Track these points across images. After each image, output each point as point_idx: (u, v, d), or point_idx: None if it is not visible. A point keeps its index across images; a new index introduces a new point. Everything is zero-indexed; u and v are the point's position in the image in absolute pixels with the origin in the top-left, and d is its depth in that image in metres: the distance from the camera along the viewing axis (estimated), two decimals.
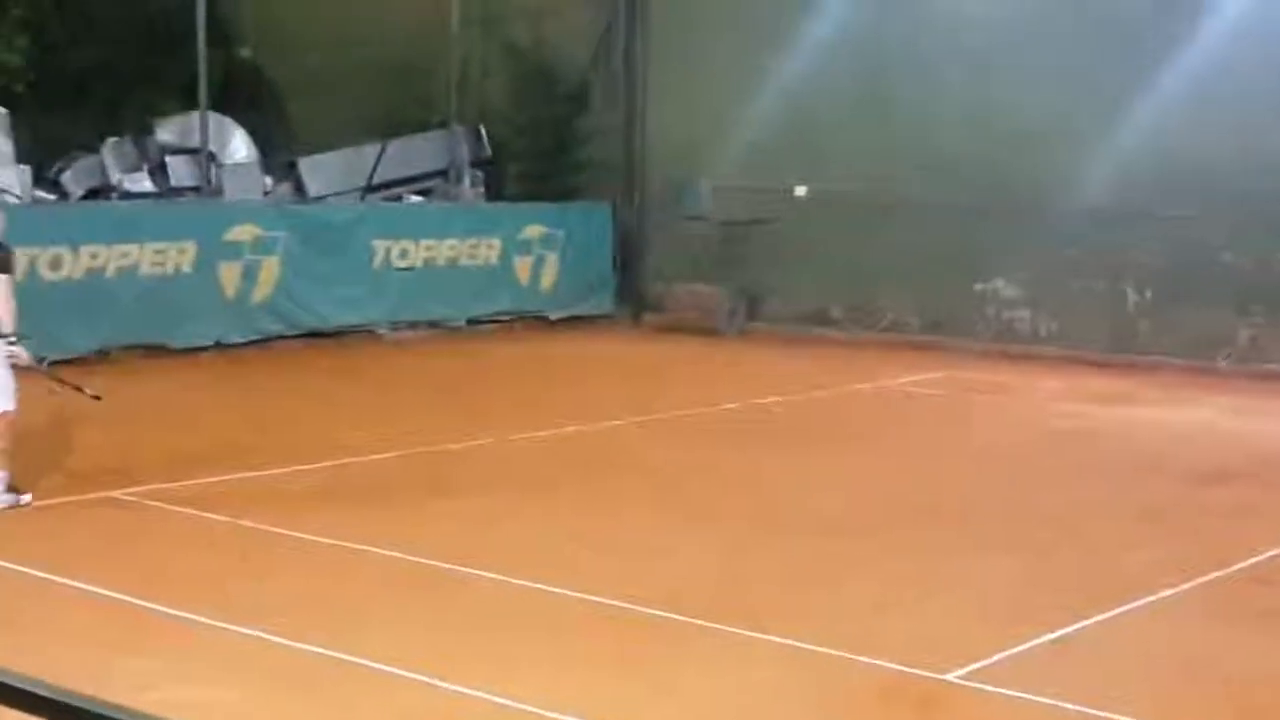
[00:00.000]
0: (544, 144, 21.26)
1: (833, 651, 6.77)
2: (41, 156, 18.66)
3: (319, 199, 19.58)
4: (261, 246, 16.98)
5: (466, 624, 7.20)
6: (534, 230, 19.79)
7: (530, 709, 5.99)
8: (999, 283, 18.17)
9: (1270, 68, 16.20)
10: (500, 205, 20.41)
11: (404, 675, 6.35)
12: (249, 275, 16.85)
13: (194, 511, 9.20)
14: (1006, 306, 18.16)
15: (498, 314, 19.38)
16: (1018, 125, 17.53)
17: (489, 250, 19.37)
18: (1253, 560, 8.63)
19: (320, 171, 19.97)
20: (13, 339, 9.06)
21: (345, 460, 10.88)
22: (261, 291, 16.98)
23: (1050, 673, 6.66)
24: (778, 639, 6.95)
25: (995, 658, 6.74)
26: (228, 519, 9.04)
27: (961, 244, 17.97)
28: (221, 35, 20.34)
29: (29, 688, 2.40)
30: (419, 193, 20.58)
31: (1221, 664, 6.89)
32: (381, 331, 18.10)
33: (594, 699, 6.18)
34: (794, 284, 19.46)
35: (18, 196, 17.04)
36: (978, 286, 18.29)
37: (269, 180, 19.60)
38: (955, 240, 17.98)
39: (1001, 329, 18.14)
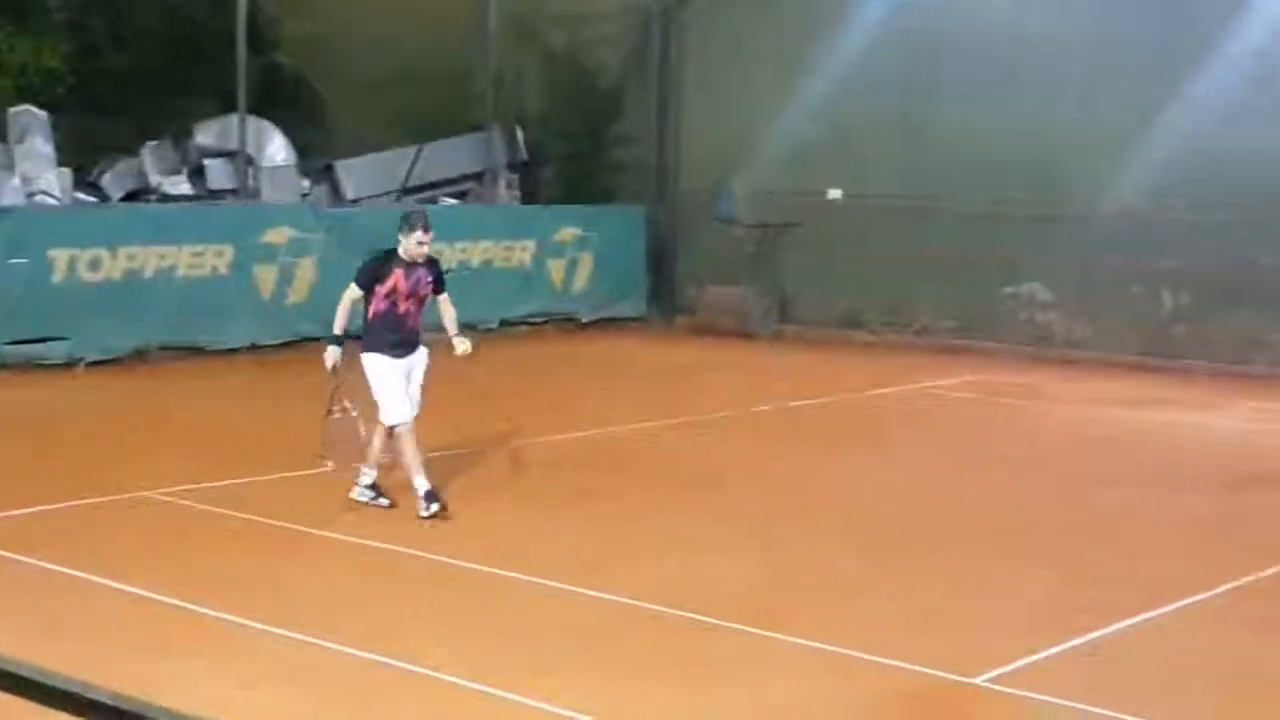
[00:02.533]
0: (579, 147, 21.35)
1: (865, 656, 6.81)
2: (82, 159, 18.85)
3: (355, 202, 19.71)
4: (297, 249, 17.11)
5: (507, 628, 7.27)
6: (567, 233, 19.86)
7: (570, 714, 6.05)
8: (1032, 286, 18.13)
9: None
10: (534, 208, 20.49)
11: (445, 680, 6.41)
12: (285, 277, 16.99)
13: (232, 512, 9.31)
14: (1039, 310, 18.12)
15: (530, 316, 19.45)
16: (1051, 131, 17.50)
17: (523, 252, 19.45)
18: None
19: (357, 174, 20.10)
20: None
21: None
22: (297, 294, 17.10)
23: (1081, 678, 6.68)
24: (810, 643, 6.99)
25: (1026, 661, 6.78)
26: (267, 520, 9.14)
27: (994, 248, 17.93)
28: (261, 39, 20.51)
29: (75, 690, 2.43)
30: (455, 195, 20.68)
31: (1255, 671, 6.90)
32: None
33: (628, 704, 6.24)
34: (826, 287, 19.46)
35: (58, 198, 17.24)
36: (1009, 290, 18.26)
37: (306, 183, 19.74)
38: (987, 244, 17.95)
39: (1034, 333, 18.10)
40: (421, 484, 9.13)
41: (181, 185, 19.27)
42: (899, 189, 18.59)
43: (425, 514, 9.05)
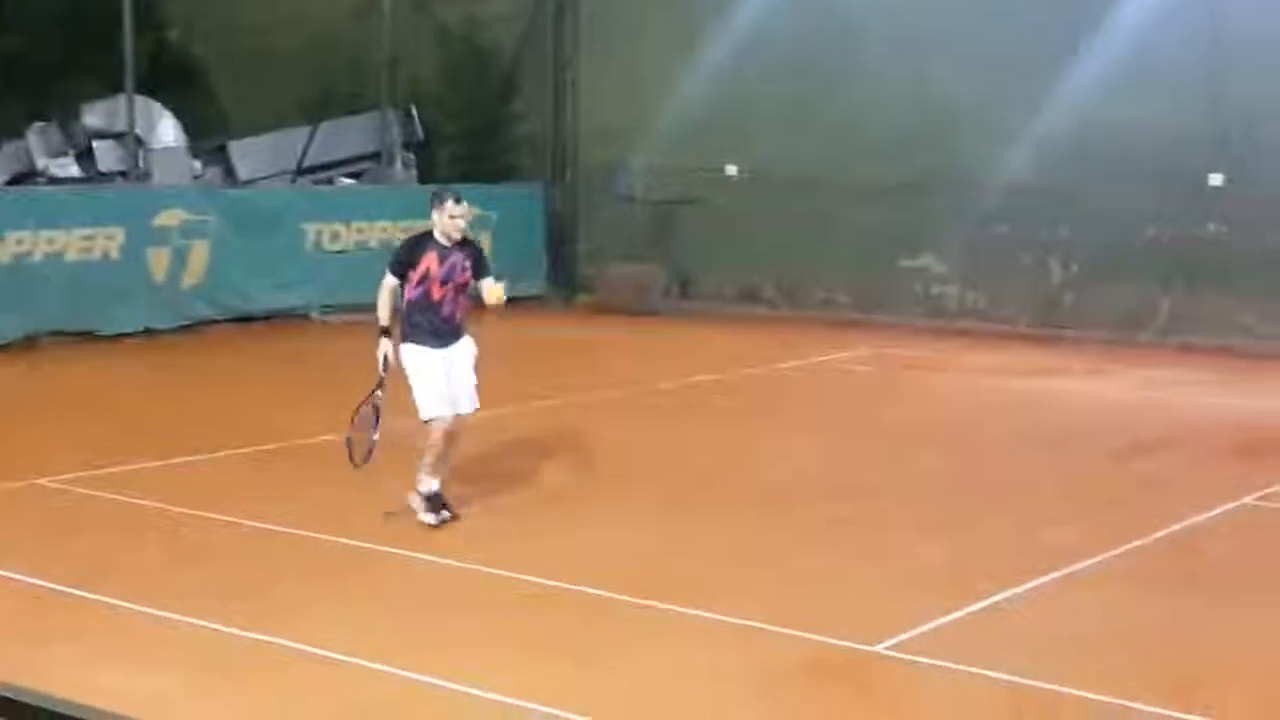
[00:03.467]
0: (476, 125, 21.24)
1: (765, 626, 6.88)
2: None
3: (249, 183, 19.45)
4: (191, 231, 16.87)
5: (405, 607, 7.26)
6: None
7: (469, 690, 6.06)
8: (928, 259, 18.38)
9: (1189, 46, 16.48)
10: (432, 187, 20.29)
11: (342, 660, 6.38)
12: (178, 260, 16.74)
13: (123, 498, 9.18)
14: (935, 282, 18.38)
15: None
16: (946, 106, 17.75)
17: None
18: (1174, 528, 8.84)
19: (250, 155, 19.84)
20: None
21: (279, 444, 10.88)
22: (191, 277, 16.87)
23: (978, 643, 6.80)
24: (710, 615, 7.06)
25: (924, 628, 6.88)
26: (158, 504, 9.02)
27: (890, 222, 18.16)
28: (149, 18, 20.13)
29: None
30: (351, 175, 20.50)
31: (1146, 631, 7.07)
32: (314, 315, 18.03)
33: (528, 679, 6.26)
34: (727, 263, 19.59)
35: None
36: (905, 263, 18.50)
37: (198, 164, 19.45)
38: (884, 218, 18.17)
39: (930, 305, 18.37)
40: (429, 485, 8.50)
41: (70, 168, 18.91)
42: (796, 164, 18.76)
43: (427, 520, 8.43)
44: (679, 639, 6.83)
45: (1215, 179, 16.50)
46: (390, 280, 8.58)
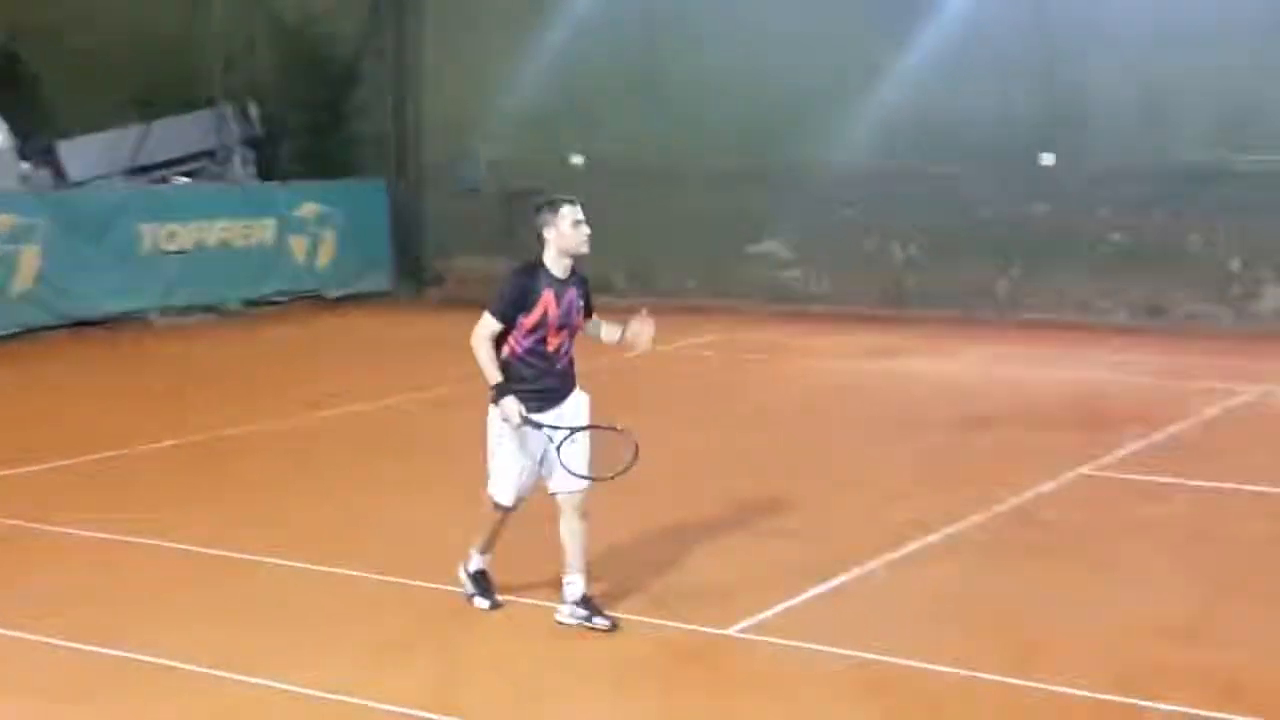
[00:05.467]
0: (317, 121, 20.91)
1: (619, 614, 6.88)
2: None
3: (80, 184, 18.90)
4: (19, 235, 16.35)
5: (248, 612, 7.11)
6: (309, 209, 19.48)
7: (317, 694, 5.96)
8: (773, 245, 18.58)
9: (1020, 32, 16.90)
10: (273, 185, 20.01)
11: (187, 669, 6.23)
12: (7, 266, 16.21)
13: None
14: (780, 267, 18.59)
15: (275, 295, 19.04)
16: (787, 93, 17.96)
17: (263, 230, 19.00)
18: (1017, 500, 9.06)
19: (81, 155, 19.26)
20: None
21: (114, 452, 10.58)
22: (21, 282, 16.35)
23: (828, 621, 6.89)
24: (543, 603, 7.00)
25: (776, 609, 6.95)
26: None
27: (736, 208, 18.32)
28: None
29: None
30: (187, 174, 20.04)
31: (992, 602, 7.23)
32: (153, 318, 17.60)
33: (380, 681, 6.17)
34: None
35: None
36: (751, 249, 18.68)
37: (26, 166, 18.82)
38: (729, 204, 18.32)
39: (777, 289, 18.57)
40: (478, 561, 7.06)
41: None
42: (641, 152, 18.82)
43: (480, 604, 7.02)
44: (531, 631, 6.79)
45: (1046, 159, 16.95)
46: (492, 328, 6.69)
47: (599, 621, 6.67)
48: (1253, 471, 9.79)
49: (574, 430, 6.71)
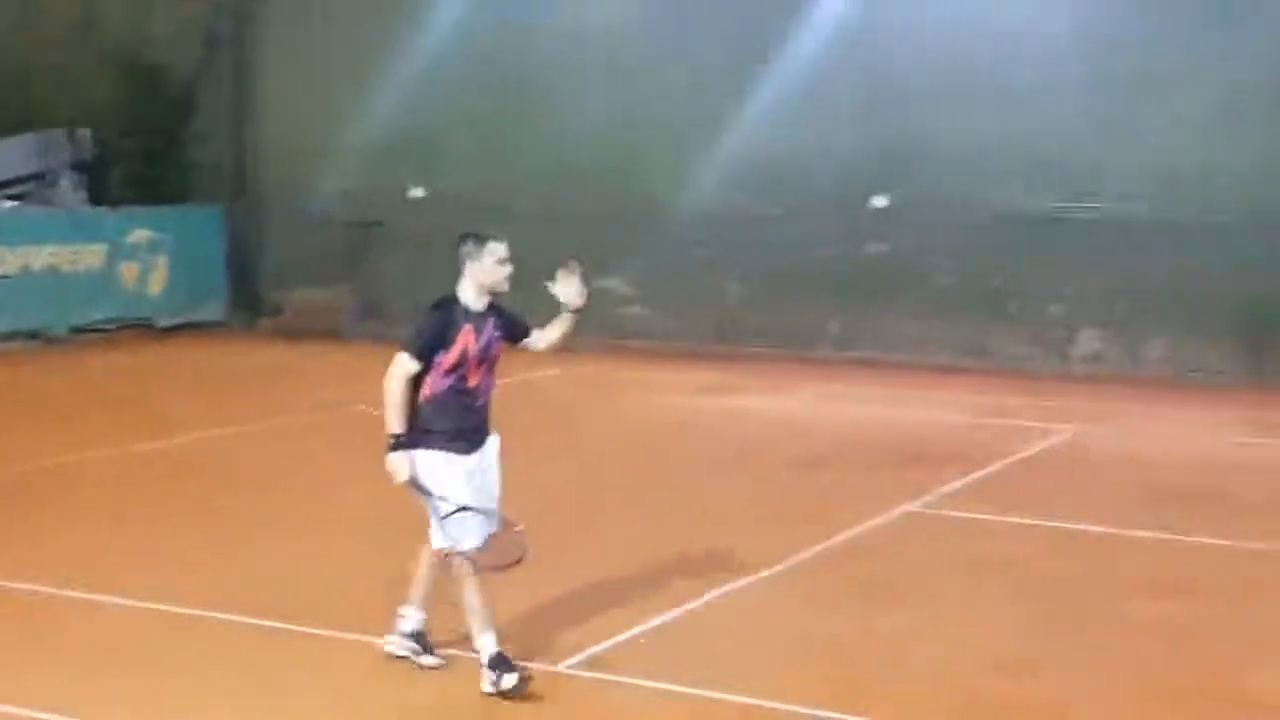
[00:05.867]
0: (152, 146, 20.49)
1: (449, 651, 6.87)
2: None
3: None
4: None
5: (61, 648, 6.94)
6: (140, 235, 19.11)
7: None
8: (614, 281, 18.73)
9: (854, 81, 17.34)
10: (103, 210, 19.57)
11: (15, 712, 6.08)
12: None
13: None
14: (620, 304, 18.74)
15: (103, 322, 18.61)
16: (630, 131, 18.18)
17: (92, 256, 18.58)
18: (847, 535, 9.28)
19: None
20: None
21: None
22: None
23: (659, 657, 6.96)
24: (376, 639, 6.97)
25: (606, 645, 7.01)
26: None
27: (576, 244, 18.32)
28: None
29: None
30: (13, 198, 19.50)
31: (822, 636, 7.37)
32: None
33: (177, 711, 6.08)
34: (417, 286, 19.31)
35: None
36: (592, 285, 18.79)
37: None
38: (570, 240, 18.32)
39: (616, 326, 18.70)
40: (489, 643, 6.41)
41: None
42: (482, 186, 18.84)
43: (499, 687, 6.30)
44: (341, 665, 6.74)
45: (879, 201, 17.41)
46: (408, 369, 6.33)
47: (427, 660, 6.56)
48: (1068, 509, 10.16)
49: (462, 509, 6.36)
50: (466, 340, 6.39)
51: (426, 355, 6.34)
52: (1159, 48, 16.05)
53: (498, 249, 6.52)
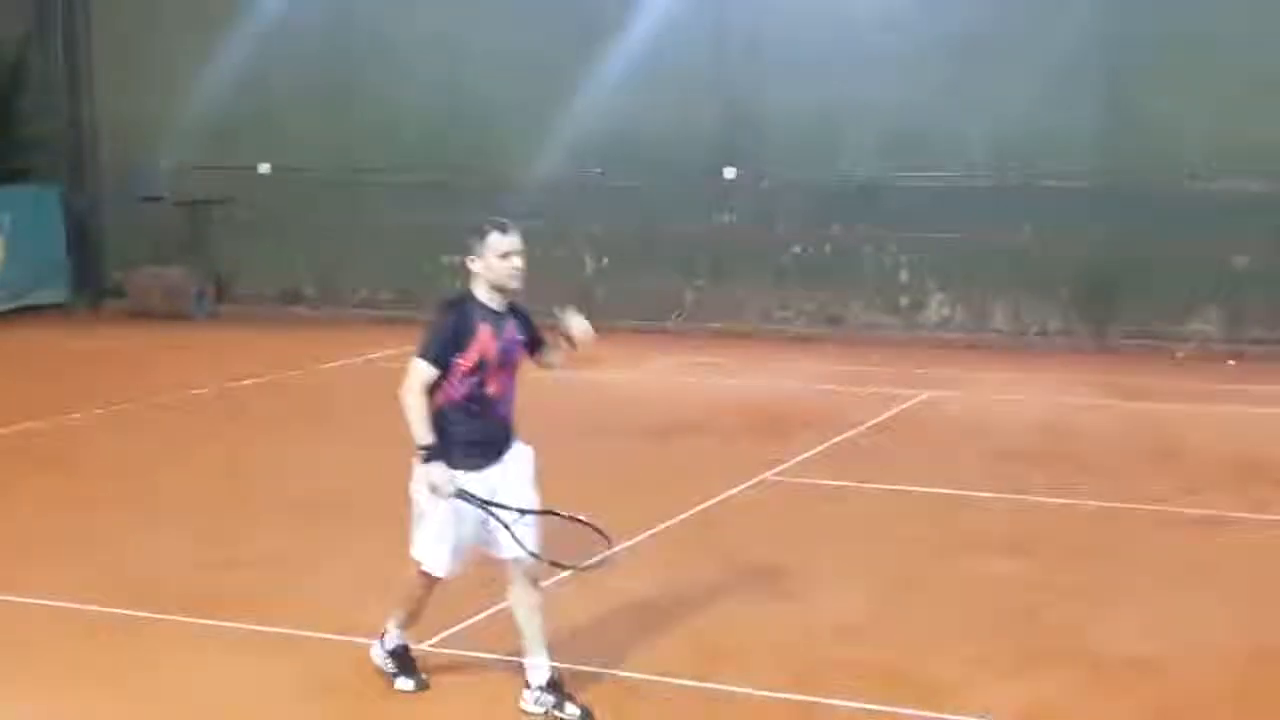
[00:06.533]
0: None
1: (314, 634, 6.84)
2: None
3: None
4: None
5: None
6: None
7: None
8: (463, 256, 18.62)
9: (701, 51, 17.42)
10: None
11: None
12: None
13: None
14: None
15: None
16: (478, 104, 18.04)
17: None
18: (703, 506, 9.38)
19: None
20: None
21: None
22: None
23: (514, 632, 6.98)
24: (257, 627, 6.95)
25: (470, 622, 7.03)
26: None
27: (428, 219, 18.25)
28: None
29: None
30: None
31: (679, 607, 7.46)
32: None
33: (66, 712, 5.96)
34: (263, 264, 19.18)
35: None
36: (446, 260, 18.66)
37: None
38: (422, 215, 18.26)
39: None
40: (397, 638, 6.29)
41: None
42: (331, 162, 18.62)
43: (403, 687, 6.22)
44: (225, 653, 6.69)
45: (729, 172, 17.55)
46: (424, 376, 5.77)
47: (570, 710, 5.92)
48: (918, 474, 10.39)
49: (525, 512, 5.88)
50: (484, 341, 5.80)
51: (443, 359, 5.76)
52: (999, 12, 16.39)
53: (500, 242, 5.79)
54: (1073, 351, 16.02)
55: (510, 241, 5.80)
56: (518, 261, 5.81)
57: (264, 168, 19.17)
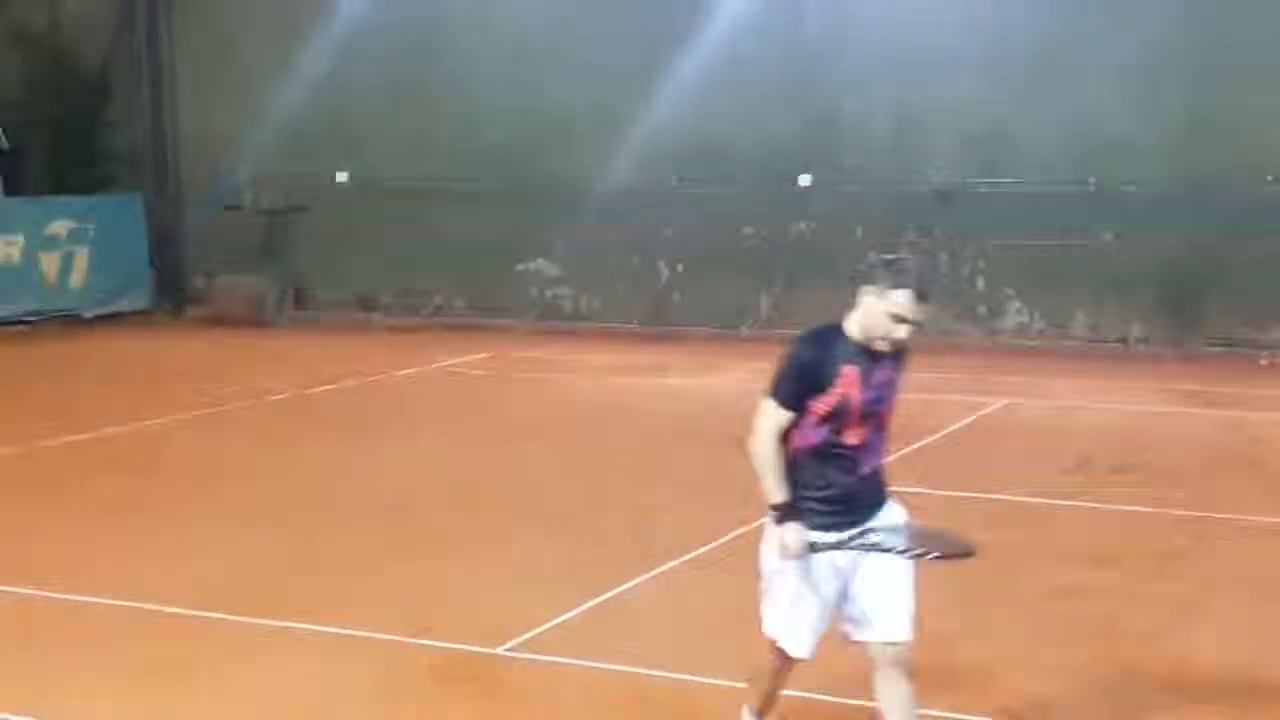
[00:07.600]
0: (67, 134, 20.17)
1: (387, 636, 6.86)
2: None
3: None
4: None
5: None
6: (60, 225, 18.83)
7: None
8: (541, 263, 18.69)
9: (769, 58, 17.37)
10: (20, 200, 19.26)
11: None
12: None
13: None
14: (549, 285, 18.72)
15: (24, 315, 18.34)
16: (554, 112, 18.13)
17: (9, 248, 18.30)
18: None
19: None
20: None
21: None
22: None
23: (599, 636, 6.99)
24: (331, 629, 6.98)
25: (545, 627, 7.02)
26: None
27: (503, 226, 18.37)
28: None
29: None
30: None
31: (746, 616, 7.40)
32: None
33: (146, 711, 6.03)
34: (341, 271, 19.37)
35: None
36: (520, 267, 18.76)
37: None
38: (497, 223, 18.36)
39: (545, 308, 18.68)
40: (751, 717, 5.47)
41: None
42: (408, 171, 18.76)
43: None
44: (300, 655, 6.72)
45: (804, 180, 17.48)
46: (778, 420, 5.02)
47: None
48: (998, 481, 10.27)
49: (904, 553, 4.95)
50: (849, 384, 4.92)
51: (798, 402, 4.94)
52: (1076, 16, 16.21)
53: (904, 305, 4.90)
54: (1154, 358, 15.79)
55: (913, 310, 4.91)
56: (902, 333, 4.93)
57: (342, 176, 19.36)
